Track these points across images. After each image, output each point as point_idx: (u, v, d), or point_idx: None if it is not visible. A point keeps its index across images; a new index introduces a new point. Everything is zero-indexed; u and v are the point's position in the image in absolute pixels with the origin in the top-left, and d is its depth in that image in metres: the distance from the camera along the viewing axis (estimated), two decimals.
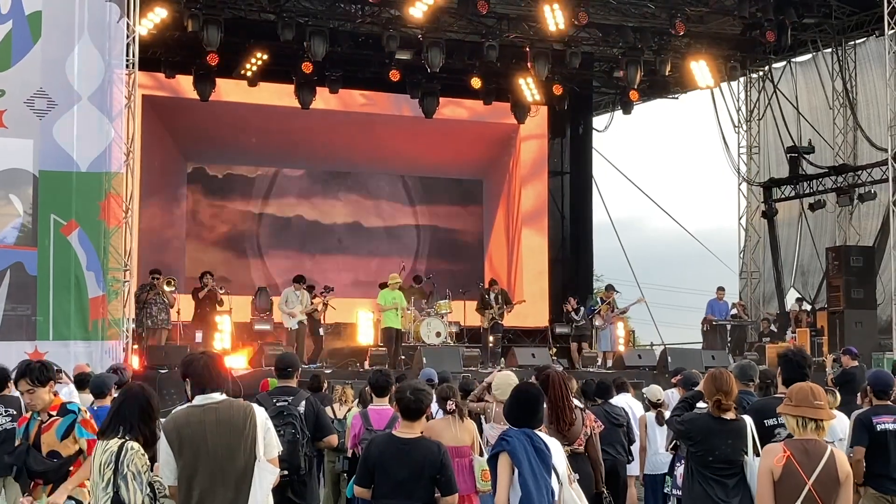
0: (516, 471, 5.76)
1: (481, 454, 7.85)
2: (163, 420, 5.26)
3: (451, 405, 7.87)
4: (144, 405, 5.32)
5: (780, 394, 6.74)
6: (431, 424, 6.20)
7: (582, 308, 21.54)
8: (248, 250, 24.18)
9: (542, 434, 6.01)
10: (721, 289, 23.19)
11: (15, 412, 7.69)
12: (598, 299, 21.50)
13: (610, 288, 22.22)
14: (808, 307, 23.87)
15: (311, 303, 19.25)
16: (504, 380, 8.69)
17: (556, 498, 5.85)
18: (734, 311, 23.27)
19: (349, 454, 9.22)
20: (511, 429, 6.00)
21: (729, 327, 22.75)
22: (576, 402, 7.73)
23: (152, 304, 17.63)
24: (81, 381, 9.71)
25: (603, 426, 8.32)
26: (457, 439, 7.32)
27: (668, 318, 35.33)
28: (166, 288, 17.82)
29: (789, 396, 5.45)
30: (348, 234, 24.87)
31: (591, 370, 19.16)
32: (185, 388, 5.23)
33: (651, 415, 10.99)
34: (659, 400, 11.12)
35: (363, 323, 20.72)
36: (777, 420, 6.46)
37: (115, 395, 7.45)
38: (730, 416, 6.42)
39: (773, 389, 7.42)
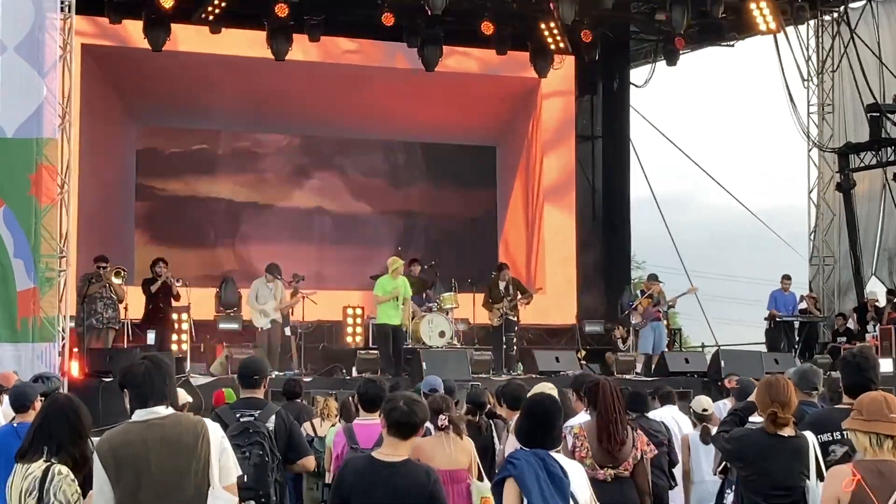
0: (525, 500, 5.77)
1: (481, 478, 7.88)
2: (96, 440, 5.28)
3: (443, 420, 7.89)
4: (73, 420, 5.32)
5: (844, 404, 6.75)
6: (420, 444, 6.21)
7: (630, 337, 21.36)
8: (210, 233, 24.23)
9: (560, 456, 6.03)
10: (787, 278, 23.16)
11: None
12: (638, 292, 21.46)
13: (653, 278, 22.15)
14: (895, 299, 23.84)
15: (288, 297, 19.31)
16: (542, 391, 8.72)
17: None
18: (803, 305, 23.25)
19: (331, 479, 9.24)
20: (520, 450, 6.01)
21: (797, 324, 22.74)
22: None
23: (97, 298, 17.66)
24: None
25: (656, 450, 8.36)
26: (451, 461, 7.36)
27: (722, 314, 35.42)
28: (114, 279, 17.85)
29: (858, 409, 5.45)
30: (332, 212, 24.91)
31: (629, 377, 19.18)
32: (125, 400, 5.24)
33: (695, 433, 11.01)
34: (706, 410, 11.14)
35: (350, 321, 20.77)
36: (832, 435, 6.49)
37: None
38: (788, 432, 6.44)
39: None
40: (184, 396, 10.25)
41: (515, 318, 20.61)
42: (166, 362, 5.36)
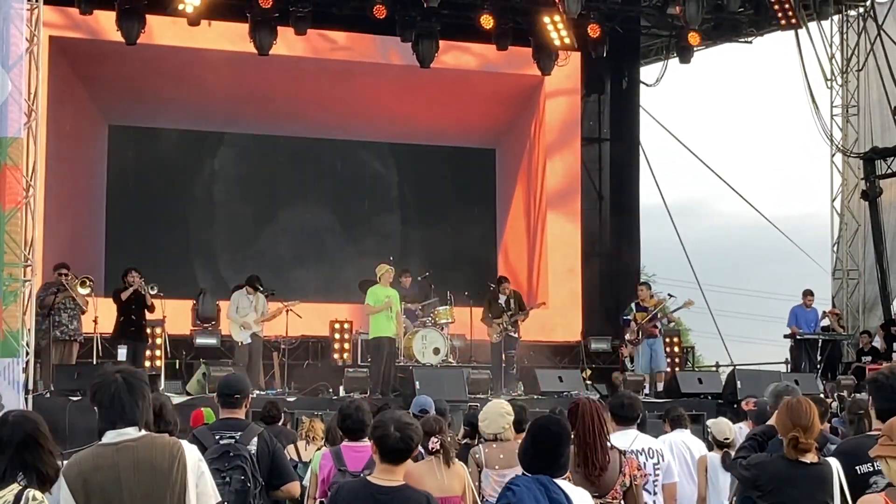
0: None
1: None
2: (64, 463, 5.26)
3: (434, 443, 7.88)
4: (36, 436, 5.28)
5: (875, 430, 6.74)
6: (409, 470, 6.20)
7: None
8: (186, 241, 24.22)
9: (565, 484, 6.02)
10: (810, 293, 23.19)
11: None
12: (633, 305, 21.35)
13: (645, 285, 22.13)
14: None
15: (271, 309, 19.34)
16: (494, 409, 8.73)
17: None
18: (825, 322, 23.28)
19: None
20: (520, 476, 6.00)
21: (819, 342, 22.77)
22: (614, 442, 7.75)
23: (61, 309, 17.69)
24: None
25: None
26: (443, 488, 7.36)
27: (738, 331, 35.46)
28: (81, 290, 17.86)
29: (888, 435, 5.47)
30: (318, 218, 24.91)
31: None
32: (97, 419, 5.22)
33: (715, 455, 11.00)
34: (727, 439, 11.13)
35: (337, 336, 20.77)
36: (874, 466, 6.46)
37: None
38: (810, 458, 6.45)
39: (868, 424, 7.42)
40: None
41: (516, 335, 20.60)
42: (141, 378, 5.32)
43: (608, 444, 7.45)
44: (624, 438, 8.50)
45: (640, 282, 23.06)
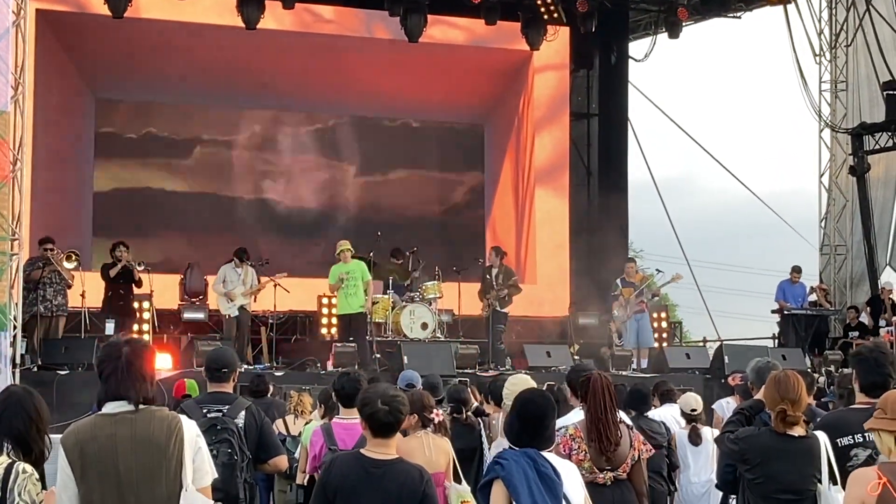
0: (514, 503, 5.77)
1: (458, 480, 7.88)
2: (54, 437, 5.25)
3: (439, 415, 7.90)
4: (32, 415, 5.29)
5: (858, 404, 6.78)
6: (399, 444, 6.21)
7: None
8: (174, 215, 24.18)
9: (552, 456, 6.04)
10: (796, 268, 23.23)
11: None
12: (618, 281, 21.37)
13: (630, 261, 22.18)
14: None
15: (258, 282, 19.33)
16: (520, 384, 8.71)
17: None
18: (813, 297, 23.33)
19: (304, 481, 9.25)
20: (508, 450, 6.02)
21: (806, 318, 22.81)
22: (622, 415, 7.77)
23: (47, 283, 17.66)
24: None
25: (653, 450, 8.38)
26: (430, 463, 7.37)
27: (726, 307, 35.53)
28: (66, 264, 17.84)
29: (882, 408, 5.50)
30: (305, 195, 24.90)
31: (625, 374, 19.22)
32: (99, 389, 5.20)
33: (682, 432, 11.06)
34: (694, 410, 11.17)
35: (325, 311, 20.77)
36: (854, 438, 6.52)
37: None
38: (798, 431, 6.48)
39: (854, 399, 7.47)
40: None
41: (504, 310, 20.57)
42: (148, 351, 5.30)
43: (619, 418, 7.44)
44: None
45: (628, 258, 23.08)
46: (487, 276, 20.52)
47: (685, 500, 10.98)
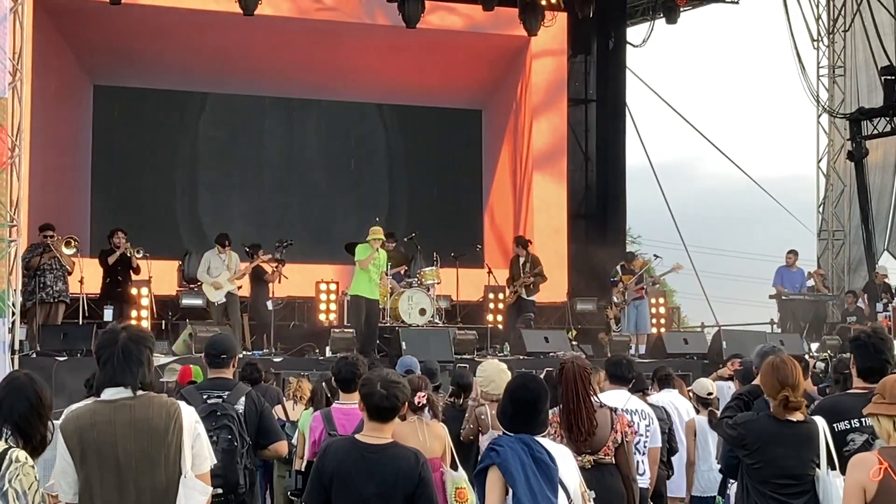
0: (510, 490, 5.76)
1: (455, 467, 7.88)
2: (58, 421, 5.26)
3: (420, 397, 7.89)
4: (34, 401, 5.29)
5: (856, 389, 6.80)
6: (395, 429, 6.22)
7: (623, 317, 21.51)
8: (172, 201, 24.18)
9: (546, 441, 6.03)
10: (793, 253, 23.26)
11: None
12: (618, 267, 21.53)
13: (632, 256, 22.45)
14: None
15: (243, 267, 19.32)
16: (493, 370, 8.71)
17: None
18: (811, 282, 23.36)
19: (302, 466, 9.26)
20: (503, 436, 6.01)
21: (804, 303, 22.83)
22: (603, 399, 7.76)
23: (47, 270, 17.66)
24: None
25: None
26: (425, 449, 7.38)
27: (724, 292, 35.55)
28: (65, 250, 17.84)
29: (881, 393, 5.50)
30: (304, 179, 24.89)
31: None
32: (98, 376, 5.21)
33: (702, 418, 11.05)
34: (710, 394, 11.18)
35: (324, 297, 20.78)
36: (850, 423, 6.54)
37: None
38: (797, 416, 6.49)
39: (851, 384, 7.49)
40: None
41: (529, 298, 20.87)
42: (146, 338, 5.31)
43: (595, 404, 7.40)
44: (617, 398, 8.51)
45: (627, 253, 23.22)
46: (516, 265, 20.73)
47: (704, 484, 10.99)
